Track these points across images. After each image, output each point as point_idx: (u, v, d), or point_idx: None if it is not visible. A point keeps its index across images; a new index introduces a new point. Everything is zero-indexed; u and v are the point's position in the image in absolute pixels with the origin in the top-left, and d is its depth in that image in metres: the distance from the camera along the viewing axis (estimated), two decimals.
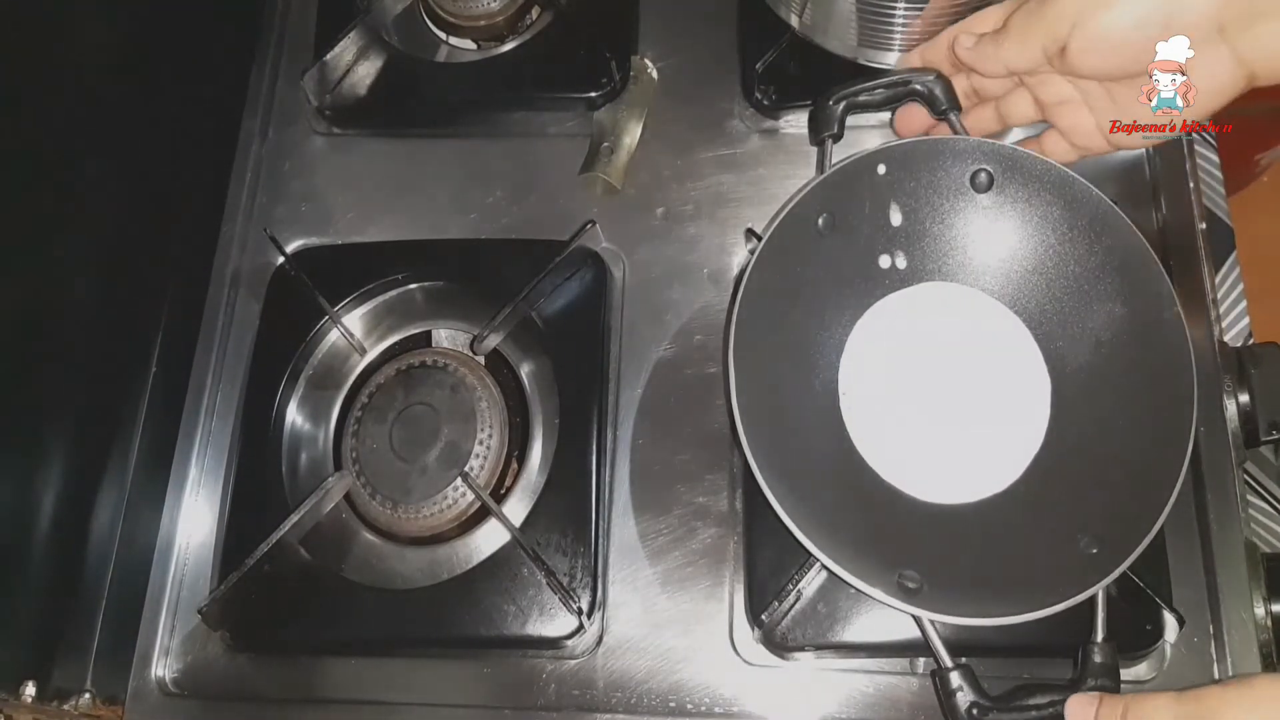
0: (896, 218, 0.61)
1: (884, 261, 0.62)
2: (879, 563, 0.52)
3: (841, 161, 0.59)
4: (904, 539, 0.56)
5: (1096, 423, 0.57)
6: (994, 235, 0.61)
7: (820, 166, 0.62)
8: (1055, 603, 0.49)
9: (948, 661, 0.51)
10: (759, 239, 0.57)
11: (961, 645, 0.57)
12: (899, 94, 0.61)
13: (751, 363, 0.55)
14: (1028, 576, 0.53)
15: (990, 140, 0.59)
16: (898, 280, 0.63)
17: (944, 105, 0.60)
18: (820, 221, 0.59)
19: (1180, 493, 0.51)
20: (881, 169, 0.60)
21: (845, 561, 0.50)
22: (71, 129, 0.67)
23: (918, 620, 0.52)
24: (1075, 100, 0.57)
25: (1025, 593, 0.51)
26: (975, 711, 0.50)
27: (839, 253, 0.61)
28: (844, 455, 0.59)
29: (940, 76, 0.61)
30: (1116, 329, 0.57)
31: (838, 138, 0.62)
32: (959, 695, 0.51)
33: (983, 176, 0.60)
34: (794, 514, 0.50)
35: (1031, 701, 0.50)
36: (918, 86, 0.60)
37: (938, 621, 0.51)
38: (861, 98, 0.62)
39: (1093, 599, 0.51)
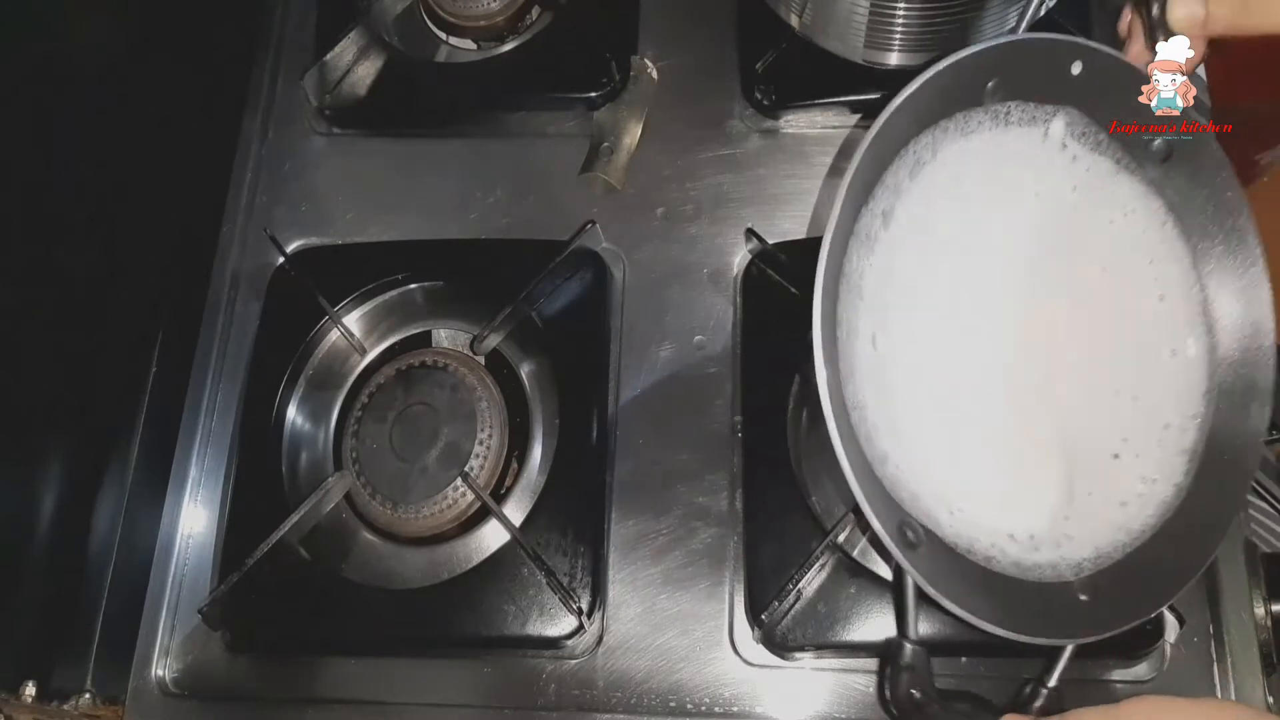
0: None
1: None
2: (886, 501, 0.48)
3: (1039, 32, 0.52)
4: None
5: None
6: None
7: (1019, 25, 0.55)
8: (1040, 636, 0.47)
9: (913, 633, 0.48)
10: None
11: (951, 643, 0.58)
12: None
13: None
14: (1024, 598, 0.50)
15: (1201, 119, 0.52)
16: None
17: (1158, 34, 0.51)
18: (990, 85, 0.52)
19: None
20: (1078, 68, 0.52)
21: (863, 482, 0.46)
22: (72, 129, 0.67)
23: (899, 576, 0.48)
24: None
25: (1017, 598, 0.48)
26: (916, 694, 0.48)
27: (982, 126, 0.53)
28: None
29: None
30: None
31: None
32: (905, 674, 0.48)
33: (1161, 146, 0.52)
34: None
35: (962, 706, 0.48)
36: (1155, 7, 0.50)
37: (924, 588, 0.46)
38: None
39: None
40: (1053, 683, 0.49)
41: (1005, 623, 0.46)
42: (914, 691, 0.48)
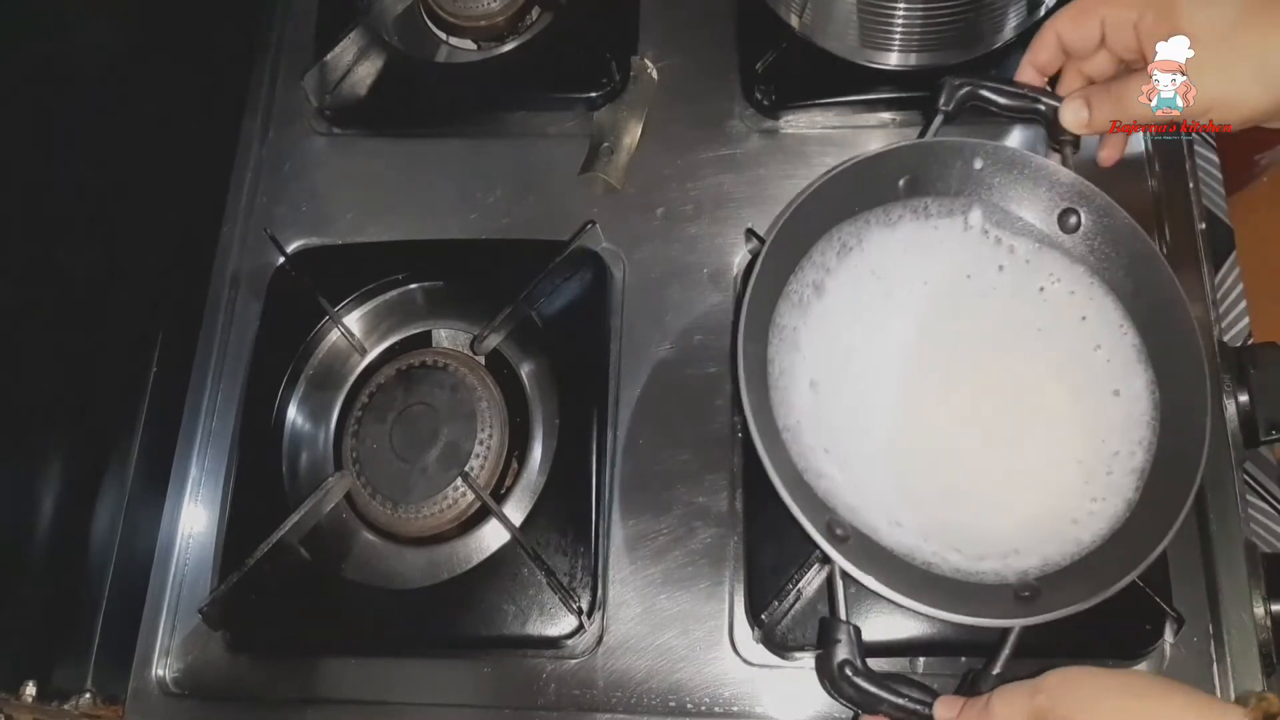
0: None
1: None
2: (814, 503, 0.51)
3: (943, 137, 0.58)
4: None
5: None
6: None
7: (924, 132, 0.60)
8: (973, 616, 0.48)
9: (844, 614, 0.51)
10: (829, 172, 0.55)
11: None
12: (1022, 107, 0.58)
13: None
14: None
15: (1094, 187, 0.57)
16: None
17: (1063, 136, 0.57)
18: (901, 183, 0.58)
19: None
20: (979, 163, 0.58)
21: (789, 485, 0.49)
22: (72, 129, 0.67)
23: (830, 568, 0.51)
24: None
25: (949, 590, 0.50)
26: (846, 669, 0.49)
27: (904, 219, 0.59)
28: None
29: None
30: None
31: (951, 117, 0.59)
32: (837, 647, 0.50)
33: (1073, 219, 0.58)
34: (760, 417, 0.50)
35: (899, 687, 0.49)
36: (1043, 108, 0.57)
37: (856, 577, 0.49)
38: (984, 92, 0.58)
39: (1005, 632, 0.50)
40: (996, 670, 0.49)
41: (938, 604, 0.48)
42: (846, 668, 0.49)
